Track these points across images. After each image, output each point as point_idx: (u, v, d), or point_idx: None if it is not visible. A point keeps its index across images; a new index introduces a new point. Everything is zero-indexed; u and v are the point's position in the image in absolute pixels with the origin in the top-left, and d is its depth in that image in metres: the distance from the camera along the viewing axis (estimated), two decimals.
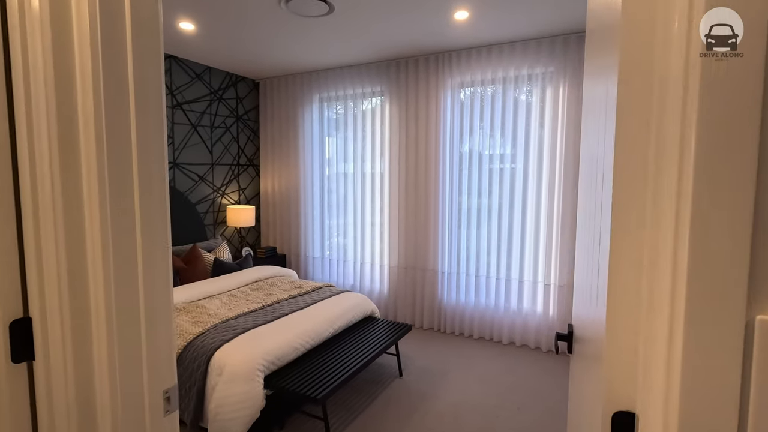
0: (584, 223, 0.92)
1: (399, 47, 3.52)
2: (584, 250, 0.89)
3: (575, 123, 3.20)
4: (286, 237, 4.64)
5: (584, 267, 0.83)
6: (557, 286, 3.37)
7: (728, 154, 0.36)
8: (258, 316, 2.61)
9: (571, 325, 1.20)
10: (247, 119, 4.60)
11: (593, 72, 0.74)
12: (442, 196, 3.74)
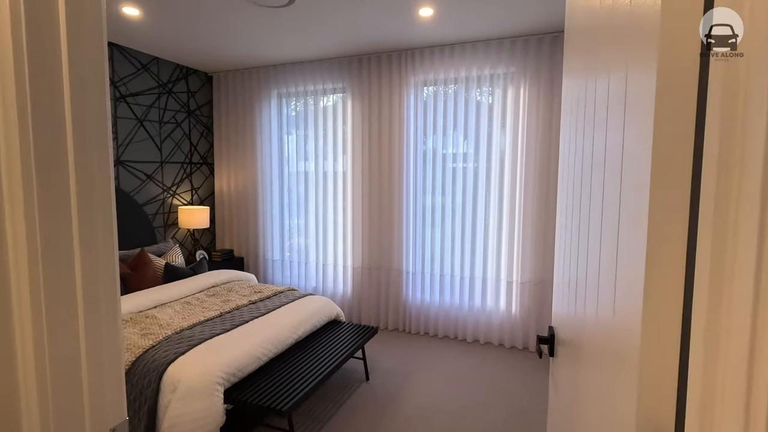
0: (574, 221, 0.89)
1: (362, 43, 3.43)
2: (574, 250, 0.85)
3: (536, 123, 3.26)
4: (243, 239, 4.43)
5: (579, 266, 0.80)
6: (519, 283, 3.43)
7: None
8: (216, 325, 2.44)
9: (552, 327, 1.18)
10: (200, 115, 4.34)
11: (592, 68, 0.70)
12: (406, 195, 3.70)
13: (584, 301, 0.72)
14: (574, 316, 0.86)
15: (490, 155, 3.45)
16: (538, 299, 3.38)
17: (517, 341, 3.47)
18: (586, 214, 0.72)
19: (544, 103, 3.22)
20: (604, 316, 0.55)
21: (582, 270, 0.72)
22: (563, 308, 1.01)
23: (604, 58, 0.61)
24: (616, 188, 0.53)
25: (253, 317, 2.58)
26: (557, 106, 3.18)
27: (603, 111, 0.62)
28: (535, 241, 3.33)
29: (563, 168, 1.09)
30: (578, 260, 0.78)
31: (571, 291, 0.89)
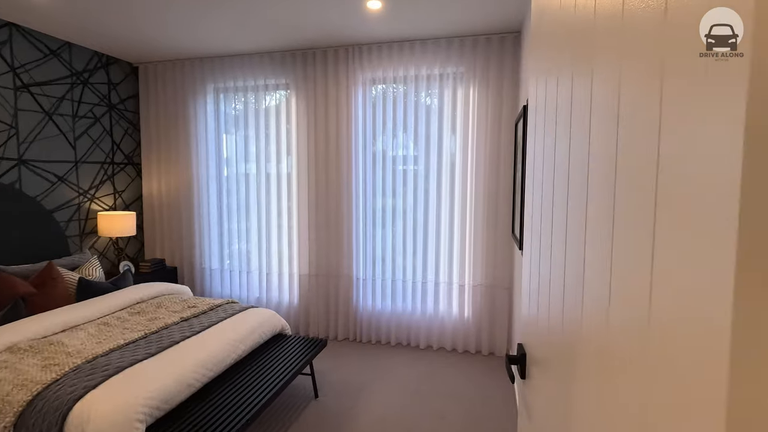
0: (562, 224, 0.77)
1: (306, 36, 3.22)
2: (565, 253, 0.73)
3: (485, 124, 3.23)
4: (177, 247, 4.02)
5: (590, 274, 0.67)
6: (471, 286, 3.38)
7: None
8: (138, 349, 2.12)
9: (521, 345, 1.06)
10: (124, 109, 3.89)
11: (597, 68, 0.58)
12: (355, 197, 3.53)
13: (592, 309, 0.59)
14: (560, 328, 0.73)
15: (440, 157, 3.38)
16: (490, 302, 3.35)
17: (470, 346, 3.41)
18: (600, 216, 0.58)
19: (493, 104, 3.20)
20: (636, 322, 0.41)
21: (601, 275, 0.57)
22: (540, 321, 0.89)
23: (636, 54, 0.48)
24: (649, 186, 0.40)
25: (184, 337, 2.28)
26: (506, 108, 3.17)
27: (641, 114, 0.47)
28: (487, 244, 3.30)
29: (538, 170, 0.98)
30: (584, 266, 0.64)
31: (557, 300, 0.77)
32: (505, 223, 3.25)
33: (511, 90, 3.16)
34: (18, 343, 2.10)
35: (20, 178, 3.04)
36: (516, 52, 3.15)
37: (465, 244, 3.37)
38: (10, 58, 2.95)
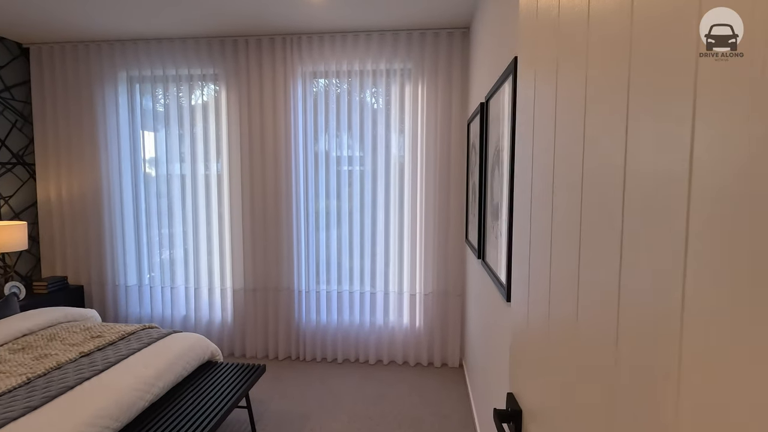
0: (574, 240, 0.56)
1: (237, 20, 2.85)
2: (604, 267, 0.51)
3: (435, 124, 3.07)
4: (82, 261, 3.43)
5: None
6: (422, 294, 3.19)
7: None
8: (16, 401, 1.65)
9: (512, 395, 0.85)
10: (11, 98, 3.23)
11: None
12: (296, 202, 3.21)
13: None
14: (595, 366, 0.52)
15: (388, 158, 3.16)
16: (443, 310, 3.18)
17: (422, 357, 3.23)
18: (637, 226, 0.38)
19: (442, 103, 3.04)
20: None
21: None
22: (549, 360, 0.67)
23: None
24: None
25: (81, 379, 1.83)
26: (456, 107, 3.02)
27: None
28: (438, 250, 3.13)
29: (536, 171, 0.76)
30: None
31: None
32: (456, 229, 3.10)
33: (460, 88, 3.02)
34: None
35: None
36: (465, 48, 3.01)
37: (416, 250, 3.18)
38: None
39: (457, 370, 3.17)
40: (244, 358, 3.34)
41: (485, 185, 1.91)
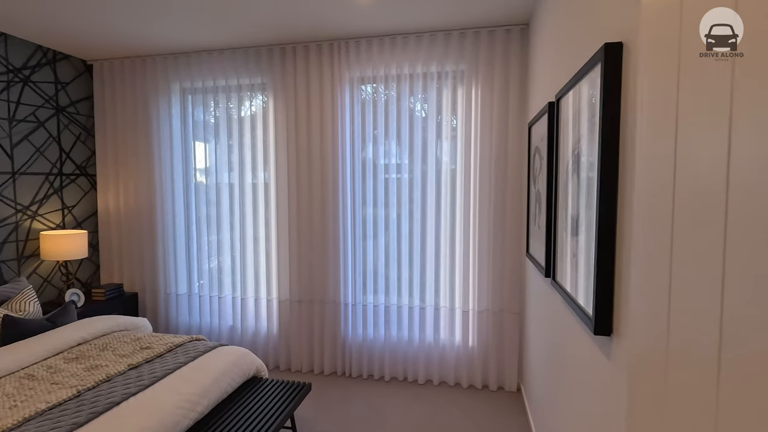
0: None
1: (284, 29, 2.80)
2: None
3: (490, 129, 2.85)
4: (137, 269, 3.51)
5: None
6: (476, 312, 2.97)
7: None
8: (65, 416, 1.63)
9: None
10: (76, 113, 3.39)
11: None
12: (342, 211, 3.10)
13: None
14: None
15: (439, 165, 2.98)
16: (498, 329, 2.94)
17: (475, 379, 2.99)
18: None
19: (498, 106, 2.83)
20: None
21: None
22: None
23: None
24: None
25: (128, 394, 1.79)
26: (514, 110, 2.80)
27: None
28: (493, 264, 2.90)
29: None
30: None
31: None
32: (514, 240, 2.86)
33: (519, 89, 2.79)
34: None
35: None
36: (524, 46, 2.79)
37: (468, 263, 2.96)
38: None
39: (515, 395, 2.91)
40: (289, 372, 3.26)
41: (555, 194, 1.69)
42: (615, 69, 1.04)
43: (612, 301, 1.08)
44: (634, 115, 0.90)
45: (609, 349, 1.09)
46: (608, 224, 1.07)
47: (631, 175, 0.91)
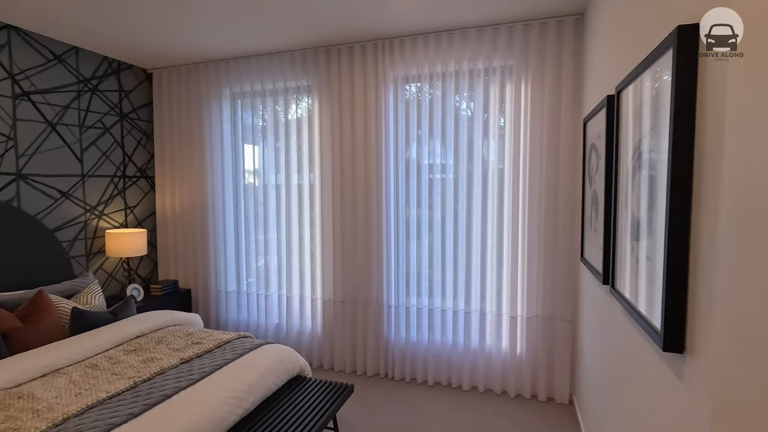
0: None
1: (329, 31, 2.82)
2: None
3: (540, 127, 2.71)
4: (191, 267, 3.68)
5: None
6: (525, 318, 2.83)
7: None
8: (122, 406, 1.72)
9: None
10: (137, 119, 3.61)
11: None
12: (386, 212, 3.07)
13: None
14: None
15: (486, 164, 2.88)
16: (549, 337, 2.79)
17: (524, 389, 2.85)
18: None
19: (550, 102, 2.68)
20: None
21: None
22: None
23: None
24: None
25: (179, 388, 1.86)
26: (567, 106, 2.64)
27: None
28: (543, 268, 2.75)
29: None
30: None
31: None
32: (567, 244, 2.70)
33: (572, 83, 2.63)
34: None
35: (18, 195, 2.76)
36: (578, 37, 2.63)
37: (517, 267, 2.83)
38: (8, 63, 2.69)
39: (566, 407, 2.74)
40: (332, 371, 3.27)
41: (615, 195, 1.55)
42: (690, 54, 0.92)
43: (684, 313, 0.96)
44: (720, 106, 0.79)
45: (681, 368, 0.97)
46: (680, 227, 0.95)
47: (716, 173, 0.80)
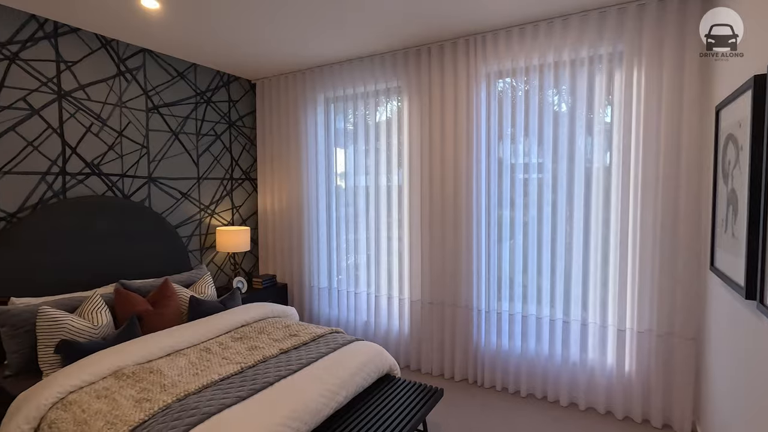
0: None
1: (419, 30, 2.81)
2: None
3: (657, 119, 2.41)
4: (287, 263, 3.93)
5: None
6: (635, 332, 2.53)
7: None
8: (231, 388, 1.87)
9: None
10: (242, 126, 3.95)
11: None
12: (476, 213, 2.97)
13: None
14: None
15: (589, 162, 2.64)
16: (666, 355, 2.46)
17: (633, 411, 2.56)
18: None
19: (669, 90, 2.36)
20: None
21: None
22: None
23: None
24: None
25: (279, 377, 1.98)
26: (690, 94, 2.31)
27: None
28: (659, 277, 2.44)
29: None
30: None
31: None
32: (690, 250, 2.36)
33: (698, 67, 2.29)
34: (124, 367, 2.02)
35: (149, 196, 3.17)
36: (705, 11, 2.28)
37: (626, 275, 2.54)
38: (143, 81, 3.11)
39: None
40: (419, 373, 3.25)
41: (766, 194, 1.30)
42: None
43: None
44: None
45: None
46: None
47: None
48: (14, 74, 2.44)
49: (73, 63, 2.70)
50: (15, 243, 2.38)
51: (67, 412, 1.73)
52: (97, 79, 2.83)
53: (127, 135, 3.02)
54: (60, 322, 2.16)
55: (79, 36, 2.73)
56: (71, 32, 2.69)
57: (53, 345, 2.11)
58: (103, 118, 2.87)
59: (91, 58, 2.80)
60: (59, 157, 2.65)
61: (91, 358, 2.04)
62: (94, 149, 2.83)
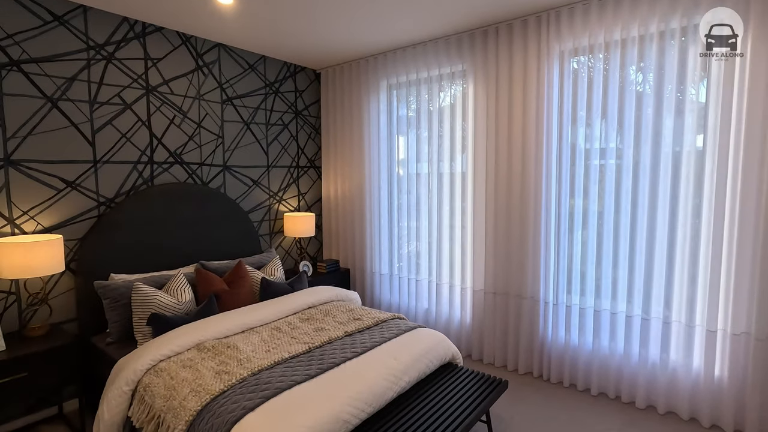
0: None
1: (487, 9, 2.68)
2: None
3: (765, 91, 2.11)
4: (349, 249, 4.02)
5: None
6: (729, 334, 2.29)
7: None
8: (300, 366, 1.96)
9: None
10: (308, 115, 4.06)
11: None
12: (546, 203, 2.82)
13: None
14: None
15: (677, 147, 2.39)
16: (763, 360, 2.20)
17: (724, 420, 2.32)
18: None
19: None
20: None
21: None
22: None
23: None
24: None
25: (345, 358, 2.04)
26: None
27: None
28: (761, 276, 2.17)
29: None
30: None
31: None
32: None
33: None
34: (204, 341, 2.20)
35: (225, 183, 3.38)
36: None
37: (719, 272, 2.29)
38: (218, 74, 3.29)
39: None
40: (481, 363, 3.20)
41: None
42: None
43: None
44: None
45: None
46: None
47: None
48: (111, 73, 2.70)
49: (158, 60, 2.93)
50: (115, 225, 2.66)
51: (159, 377, 1.91)
52: (178, 74, 3.05)
53: (205, 126, 3.23)
54: (151, 297, 2.39)
55: (163, 34, 2.94)
56: (156, 31, 2.91)
57: (145, 317, 2.35)
58: (184, 110, 3.09)
59: (174, 55, 3.01)
60: (147, 148, 2.90)
61: (177, 331, 2.24)
62: (177, 140, 3.06)
